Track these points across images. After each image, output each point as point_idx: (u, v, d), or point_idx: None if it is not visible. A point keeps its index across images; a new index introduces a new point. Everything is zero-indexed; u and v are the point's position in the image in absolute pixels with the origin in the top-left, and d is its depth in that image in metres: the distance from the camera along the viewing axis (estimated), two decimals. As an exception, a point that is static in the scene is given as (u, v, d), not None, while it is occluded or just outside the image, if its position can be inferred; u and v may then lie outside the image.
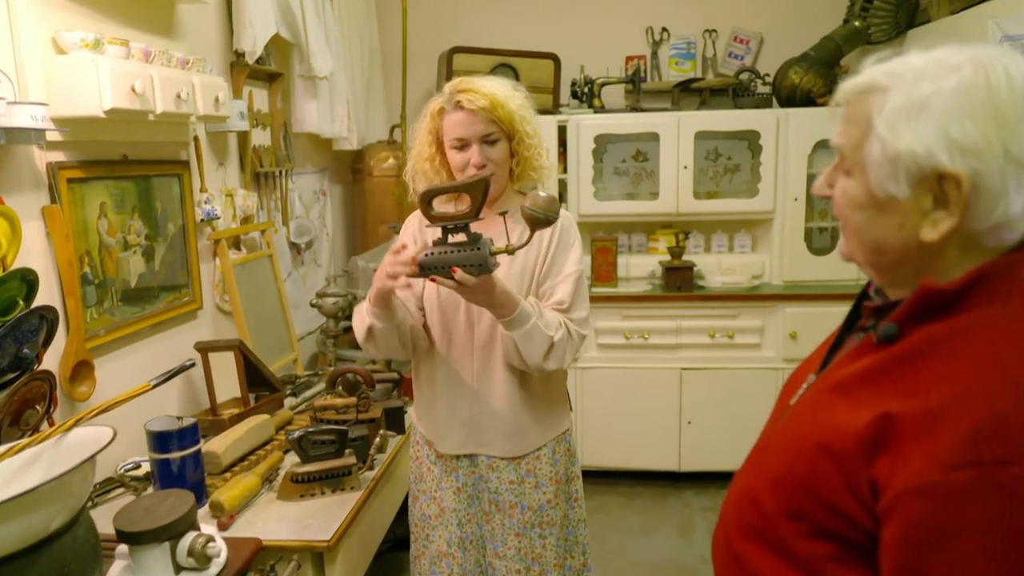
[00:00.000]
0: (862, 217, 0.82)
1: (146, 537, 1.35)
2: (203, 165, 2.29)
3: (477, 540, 1.68)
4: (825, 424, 0.81)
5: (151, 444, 1.68)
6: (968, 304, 0.76)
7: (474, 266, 1.39)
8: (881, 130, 0.77)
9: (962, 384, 0.72)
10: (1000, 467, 0.67)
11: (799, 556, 0.82)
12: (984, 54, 0.75)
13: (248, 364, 2.20)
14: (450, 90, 1.56)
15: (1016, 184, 0.73)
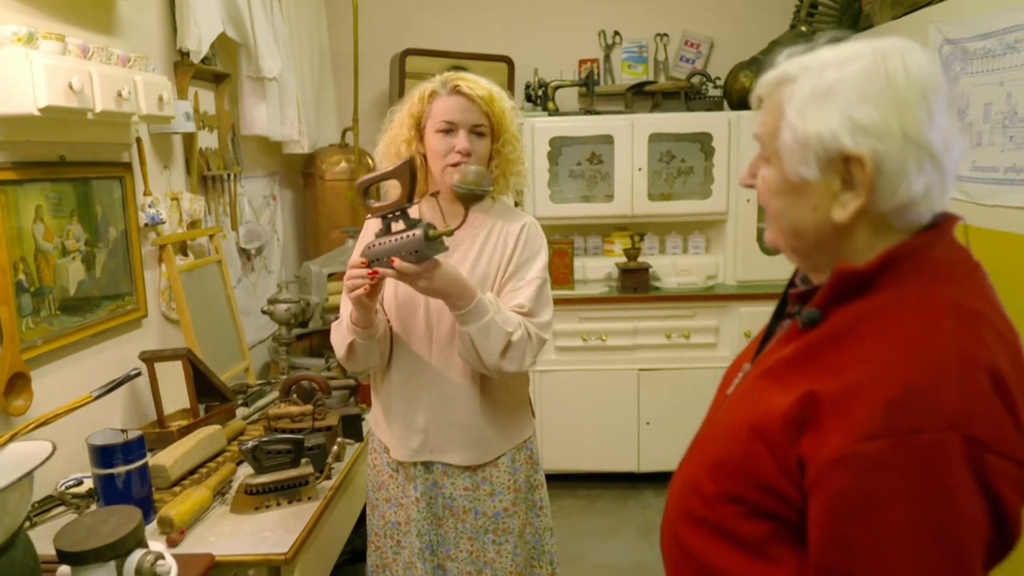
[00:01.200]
0: (781, 202, 0.87)
1: (90, 557, 1.27)
2: (147, 168, 2.20)
3: (431, 547, 1.64)
4: (757, 409, 0.84)
5: (94, 459, 1.60)
6: (881, 285, 0.81)
7: (412, 252, 1.36)
8: (791, 116, 0.81)
9: (876, 361, 0.76)
10: (913, 434, 0.71)
11: (739, 537, 0.84)
12: (884, 45, 0.80)
13: (197, 373, 2.11)
14: (444, 78, 1.55)
15: (916, 165, 0.77)
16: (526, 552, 1.68)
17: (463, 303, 1.43)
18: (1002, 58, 2.28)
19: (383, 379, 1.65)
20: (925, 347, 0.75)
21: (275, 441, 1.73)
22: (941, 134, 0.78)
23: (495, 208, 1.65)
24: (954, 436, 0.71)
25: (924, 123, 0.77)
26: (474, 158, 1.51)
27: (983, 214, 2.36)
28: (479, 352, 1.46)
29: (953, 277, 0.81)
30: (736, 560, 0.85)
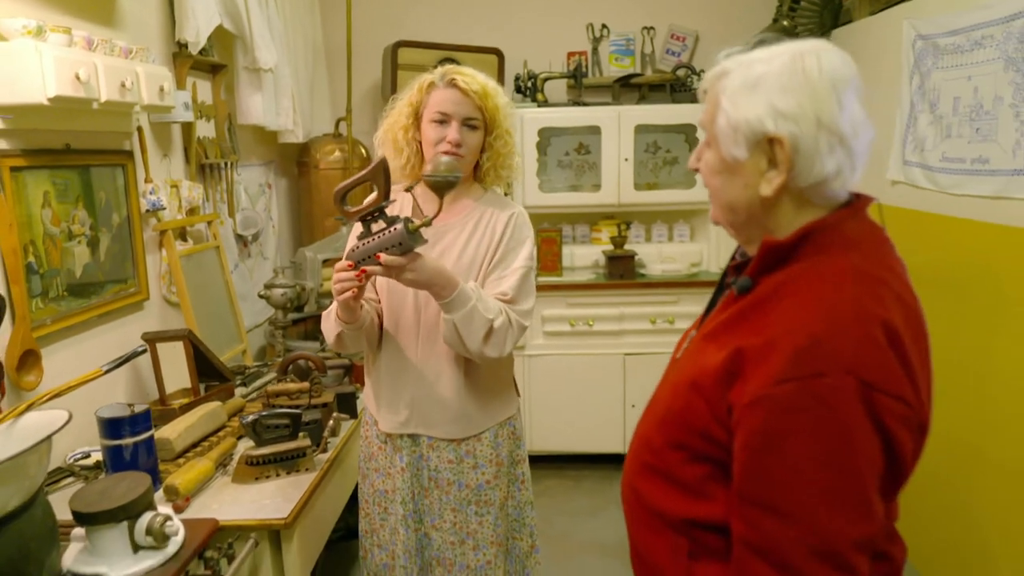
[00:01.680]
0: (718, 181, 1.00)
1: (103, 517, 1.37)
2: (147, 156, 2.28)
3: (416, 515, 1.72)
4: (696, 366, 0.97)
5: (102, 431, 1.69)
6: (800, 255, 0.93)
7: (395, 246, 1.43)
8: (725, 104, 0.94)
9: (790, 318, 0.88)
10: (815, 379, 0.83)
11: (683, 480, 0.97)
12: (804, 46, 0.93)
13: (198, 354, 2.20)
14: (444, 71, 1.62)
15: (827, 147, 0.90)
16: (507, 524, 1.77)
17: (446, 292, 1.50)
18: (970, 54, 2.38)
19: (374, 358, 1.74)
20: (830, 305, 0.87)
21: (274, 416, 1.83)
22: (850, 122, 0.90)
23: (485, 197, 1.72)
24: (850, 379, 0.83)
25: (834, 111, 0.89)
26: (464, 149, 1.59)
27: (952, 203, 2.47)
28: (462, 338, 1.54)
29: (860, 248, 0.93)
30: (680, 501, 0.98)
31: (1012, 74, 2.17)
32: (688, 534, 0.98)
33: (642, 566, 1.08)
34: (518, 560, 1.79)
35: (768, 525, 0.87)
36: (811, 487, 0.84)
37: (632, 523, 1.09)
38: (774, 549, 0.86)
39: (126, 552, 1.39)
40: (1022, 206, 2.12)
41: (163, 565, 1.39)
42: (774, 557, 0.86)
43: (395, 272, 1.45)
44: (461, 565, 1.69)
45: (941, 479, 2.51)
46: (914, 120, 2.71)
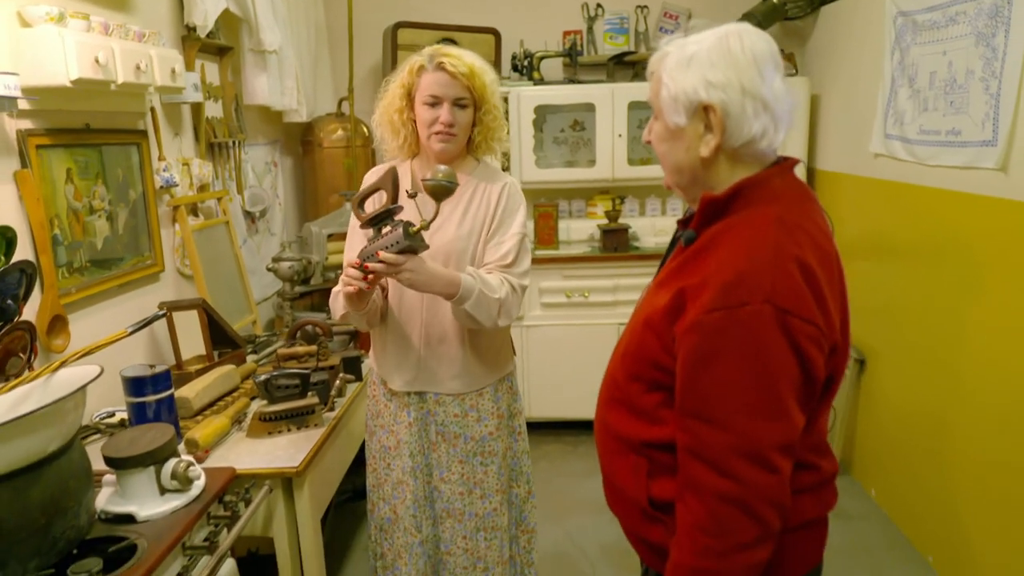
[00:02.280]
0: (665, 147, 1.14)
1: (133, 462, 1.51)
2: (160, 135, 2.40)
3: (425, 468, 1.86)
4: (648, 308, 1.13)
5: (127, 389, 1.83)
6: (733, 209, 1.08)
7: (393, 245, 1.55)
8: (666, 79, 1.09)
9: (721, 259, 1.04)
10: (740, 307, 0.99)
11: (641, 408, 1.14)
12: (729, 28, 1.08)
13: (211, 322, 2.34)
14: (431, 52, 1.71)
15: (752, 111, 1.04)
16: (508, 472, 1.92)
17: (452, 291, 1.63)
18: (945, 29, 2.48)
19: (381, 326, 1.87)
20: (753, 247, 1.02)
21: (285, 375, 1.97)
22: (771, 90, 1.04)
23: (478, 169, 1.84)
24: (768, 307, 0.98)
25: (757, 81, 1.04)
26: (456, 128, 1.70)
27: (928, 174, 2.58)
28: (477, 320, 1.68)
29: (783, 201, 1.07)
30: (638, 426, 1.14)
31: (982, 49, 2.27)
32: (646, 454, 1.13)
33: (611, 489, 1.23)
34: (515, 506, 1.93)
35: (702, 432, 1.02)
36: (736, 398, 1.00)
37: (603, 453, 1.24)
38: (708, 452, 1.02)
39: (154, 494, 1.53)
40: (990, 175, 2.24)
41: (187, 506, 1.54)
42: (709, 459, 1.02)
43: (394, 269, 1.56)
44: (470, 514, 1.83)
45: (915, 433, 2.65)
46: (895, 94, 2.81)
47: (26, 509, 1.27)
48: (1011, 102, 2.14)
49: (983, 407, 2.27)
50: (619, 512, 1.24)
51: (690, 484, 1.05)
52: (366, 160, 3.74)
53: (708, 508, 1.02)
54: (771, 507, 1.01)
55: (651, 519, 1.14)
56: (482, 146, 1.81)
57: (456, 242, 1.73)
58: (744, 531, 1.01)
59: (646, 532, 1.16)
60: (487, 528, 1.83)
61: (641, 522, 1.17)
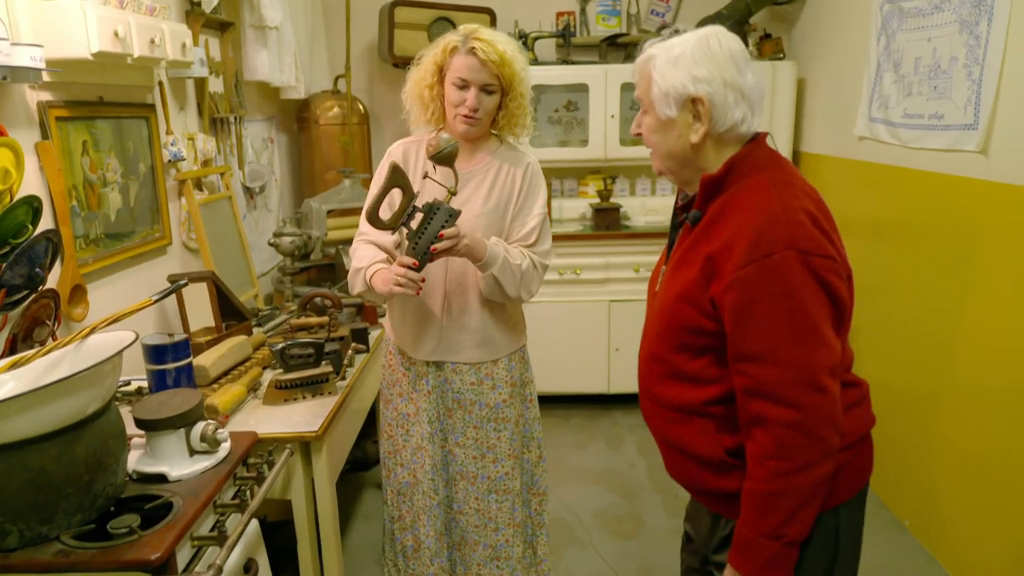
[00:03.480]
0: (657, 137, 1.28)
1: (164, 424, 1.57)
2: (168, 109, 2.43)
3: (441, 433, 1.94)
4: (677, 284, 1.25)
5: (148, 356, 1.88)
6: (729, 182, 1.23)
7: (448, 220, 1.64)
8: (656, 77, 1.23)
9: (737, 223, 1.17)
10: (766, 258, 1.13)
11: (691, 374, 1.26)
12: (707, 31, 1.24)
13: (220, 294, 2.38)
14: (466, 34, 1.74)
15: (733, 100, 1.20)
16: (520, 438, 2.00)
17: (479, 254, 1.72)
18: (930, 16, 2.58)
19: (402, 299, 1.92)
20: (762, 207, 1.17)
21: (300, 344, 2.03)
22: (746, 81, 1.21)
23: (500, 149, 1.89)
24: (791, 252, 1.12)
25: (735, 74, 1.20)
26: (480, 112, 1.75)
27: (911, 156, 2.69)
28: (503, 286, 1.76)
29: (768, 166, 1.23)
30: (694, 391, 1.26)
31: (966, 36, 2.38)
32: (709, 413, 1.26)
33: (677, 457, 1.34)
34: (527, 470, 2.02)
35: (756, 371, 1.15)
36: (779, 335, 1.13)
37: (661, 427, 1.35)
38: (765, 387, 1.15)
39: (183, 455, 1.60)
40: (971, 157, 2.35)
41: (216, 467, 1.60)
42: (766, 393, 1.15)
43: (455, 241, 1.64)
44: (482, 477, 1.91)
45: (897, 408, 2.78)
46: (880, 79, 2.92)
47: (72, 464, 1.33)
48: (992, 88, 2.25)
49: (965, 384, 2.41)
50: (688, 474, 1.34)
51: (754, 420, 1.17)
52: (362, 138, 3.77)
53: (774, 436, 1.15)
54: (828, 425, 1.15)
55: (731, 469, 1.26)
56: (505, 129, 1.86)
57: (482, 218, 1.79)
58: (807, 451, 1.14)
59: (725, 484, 1.27)
60: (499, 491, 1.91)
61: (719, 476, 1.28)
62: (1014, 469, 2.16)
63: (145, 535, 1.35)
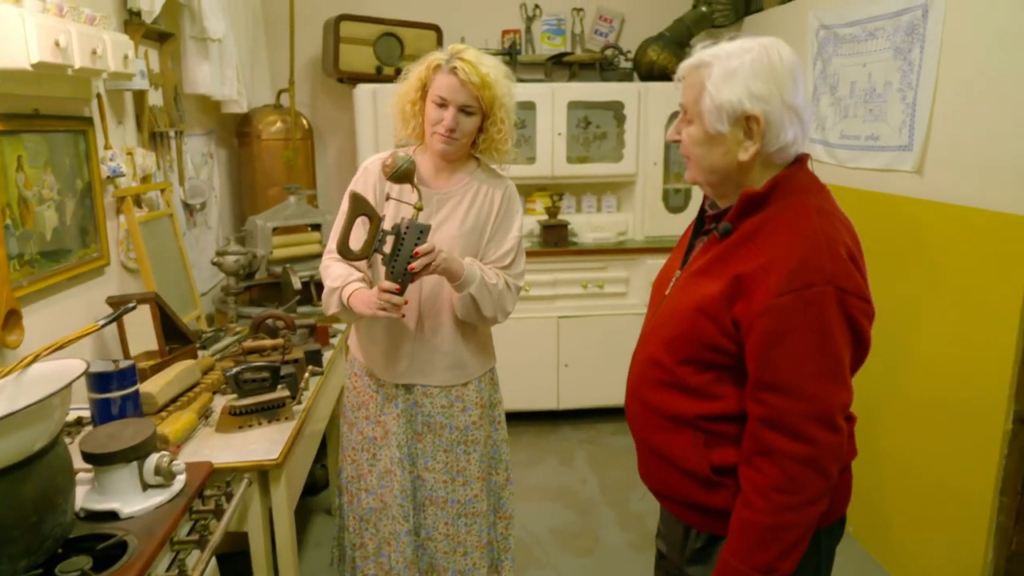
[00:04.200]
0: (701, 150, 1.23)
1: (116, 458, 1.48)
2: (106, 123, 2.31)
3: (410, 458, 1.89)
4: (696, 295, 1.21)
5: (91, 385, 1.77)
6: (770, 201, 1.19)
7: (417, 236, 1.61)
8: (710, 89, 1.17)
9: (777, 247, 1.14)
10: (805, 289, 1.10)
11: (694, 387, 1.23)
12: (766, 41, 1.19)
13: (163, 316, 2.27)
14: (452, 53, 1.72)
15: (788, 121, 1.16)
16: (488, 459, 1.97)
17: (457, 273, 1.69)
18: (865, 43, 2.71)
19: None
20: (806, 235, 1.13)
21: (254, 368, 1.95)
22: (801, 100, 1.15)
23: (479, 171, 1.86)
24: (830, 288, 1.10)
25: (793, 93, 1.15)
26: (458, 133, 1.72)
27: (849, 176, 2.81)
28: (479, 306, 1.73)
29: (812, 192, 1.20)
30: (692, 403, 1.24)
31: (900, 62, 2.51)
32: (702, 428, 1.24)
33: (660, 465, 1.32)
34: (494, 492, 1.99)
35: (778, 402, 1.13)
36: (807, 368, 1.11)
37: (649, 433, 1.33)
38: (784, 419, 1.13)
39: (136, 490, 1.51)
40: (907, 177, 2.47)
41: (171, 501, 1.52)
42: (784, 425, 1.13)
43: (431, 257, 1.61)
44: (452, 501, 1.87)
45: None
46: (817, 101, 3.04)
47: (20, 505, 1.23)
48: (926, 111, 2.37)
49: (904, 396, 2.51)
50: (667, 483, 1.33)
51: (763, 450, 1.15)
52: (306, 153, 3.69)
53: (783, 469, 1.13)
54: (836, 462, 1.15)
55: (714, 485, 1.24)
56: (485, 154, 1.83)
57: (459, 239, 1.77)
58: (815, 486, 1.14)
59: (707, 498, 1.26)
60: (468, 514, 1.88)
61: (700, 490, 1.26)
62: (946, 476, 2.26)
63: (100, 578, 1.26)
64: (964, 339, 2.21)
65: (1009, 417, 2.04)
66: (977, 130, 2.16)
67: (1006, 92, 2.04)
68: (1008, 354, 2.03)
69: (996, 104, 2.08)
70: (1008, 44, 2.03)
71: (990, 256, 2.11)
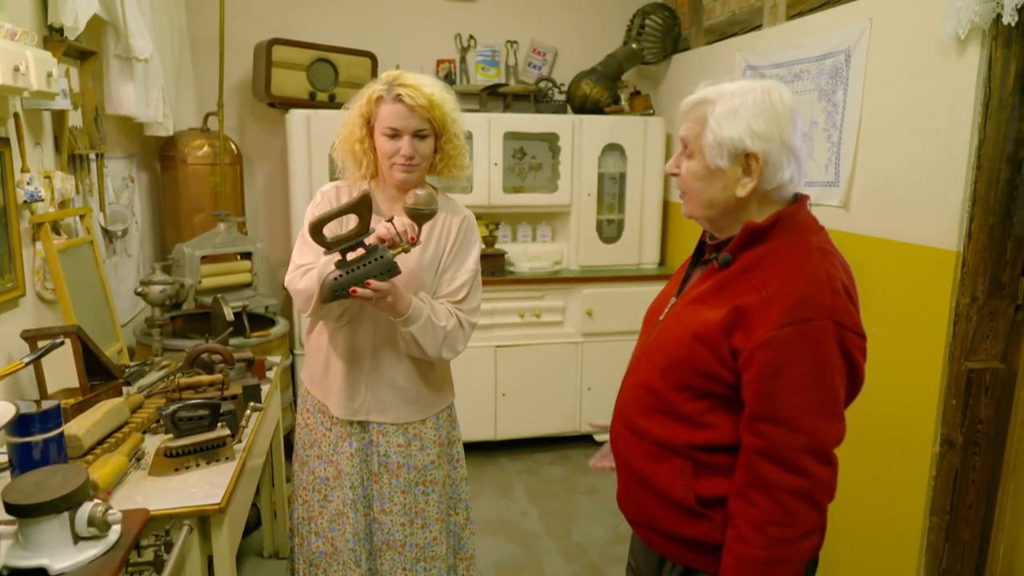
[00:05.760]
0: (700, 184, 1.26)
1: (45, 509, 1.35)
2: (24, 144, 2.16)
3: (365, 500, 1.82)
4: (694, 323, 1.22)
5: (10, 428, 1.62)
6: (771, 236, 1.22)
7: (383, 272, 1.55)
8: (712, 125, 1.21)
9: (778, 281, 1.16)
10: (806, 323, 1.13)
11: (686, 415, 1.23)
12: (767, 84, 1.23)
13: (86, 351, 2.12)
14: (389, 81, 1.66)
15: (786, 160, 1.20)
16: (447, 499, 1.91)
17: (402, 309, 1.63)
18: (791, 84, 2.85)
19: (323, 343, 1.79)
20: (806, 271, 1.16)
21: (191, 407, 1.83)
22: (799, 141, 1.20)
23: (439, 200, 1.79)
24: (829, 323, 1.13)
25: (792, 133, 1.18)
26: (417, 158, 1.68)
27: (777, 209, 2.93)
28: (421, 346, 1.68)
29: (812, 230, 1.24)
30: (683, 431, 1.24)
31: (824, 103, 2.65)
32: (691, 457, 1.24)
33: (644, 493, 1.31)
34: (454, 533, 1.93)
35: (775, 434, 1.14)
36: (806, 402, 1.13)
37: (633, 459, 1.32)
38: (780, 452, 1.14)
39: (67, 543, 1.38)
40: (834, 211, 2.60)
41: (106, 553, 1.40)
42: (780, 458, 1.14)
43: (379, 296, 1.55)
44: (411, 545, 1.80)
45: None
46: (746, 138, 3.17)
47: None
48: (851, 150, 2.51)
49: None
50: (651, 513, 1.31)
51: (757, 483, 1.15)
52: (234, 179, 3.56)
53: (778, 503, 1.13)
54: (828, 495, 1.16)
55: (697, 516, 1.23)
56: (444, 172, 1.80)
57: (418, 272, 1.72)
58: (809, 519, 1.14)
59: (687, 530, 1.25)
60: (427, 558, 1.81)
61: (683, 520, 1.25)
62: (879, 501, 2.36)
63: (32, 646, 1.14)
64: (893, 367, 2.32)
65: (937, 440, 2.15)
66: (899, 168, 2.30)
67: (926, 133, 2.18)
68: (935, 380, 2.15)
69: (917, 144, 2.22)
70: (926, 87, 2.18)
71: (914, 287, 2.23)
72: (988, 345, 2.09)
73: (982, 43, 1.96)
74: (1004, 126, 1.97)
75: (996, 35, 1.93)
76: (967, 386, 2.10)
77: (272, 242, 3.92)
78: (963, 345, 2.08)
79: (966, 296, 2.06)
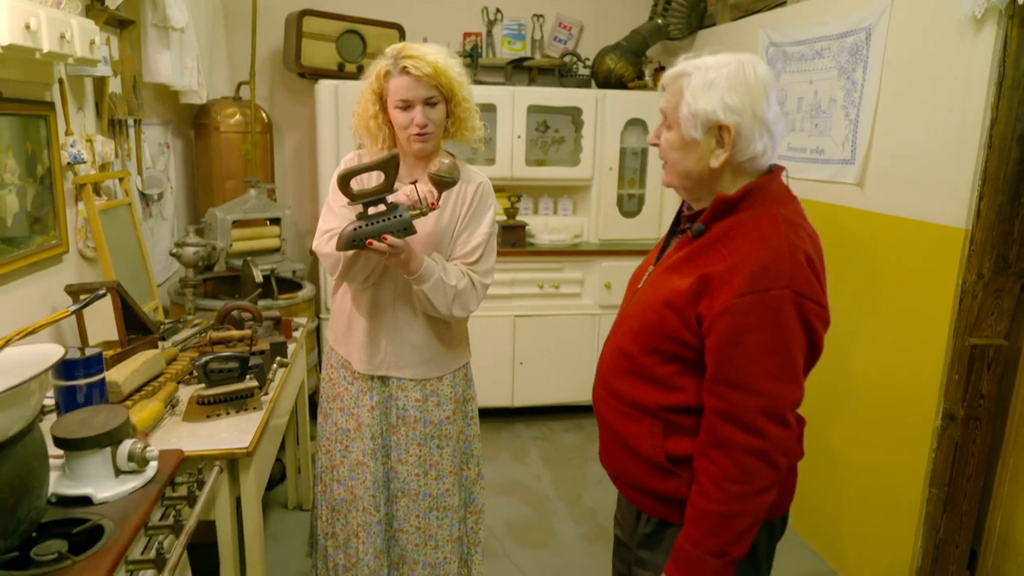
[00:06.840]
0: (677, 155, 1.31)
1: (89, 443, 1.47)
2: (68, 108, 2.28)
3: (384, 450, 1.93)
4: (666, 289, 1.30)
5: (56, 371, 1.75)
6: (742, 207, 1.27)
7: (400, 230, 1.64)
8: (688, 97, 1.25)
9: (743, 251, 1.22)
10: (765, 292, 1.18)
11: (657, 377, 1.31)
12: (743, 57, 1.26)
13: (124, 306, 2.25)
14: (395, 54, 1.73)
15: (758, 133, 1.23)
16: (460, 454, 2.02)
17: (415, 267, 1.71)
18: (812, 61, 2.87)
19: (348, 302, 1.89)
20: (770, 241, 1.21)
21: (222, 359, 1.95)
22: (773, 115, 1.24)
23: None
24: (788, 292, 1.18)
25: (765, 107, 1.22)
26: (430, 126, 1.75)
27: (796, 186, 2.94)
28: (433, 304, 1.77)
29: (782, 202, 1.28)
30: (654, 393, 1.32)
31: (844, 81, 2.67)
32: (661, 417, 1.32)
33: (619, 450, 1.40)
34: (465, 487, 2.03)
35: (734, 397, 1.21)
36: (763, 367, 1.19)
37: (611, 418, 1.40)
38: (738, 413, 1.20)
39: (109, 475, 1.51)
40: (849, 189, 2.63)
41: (144, 487, 1.52)
42: (737, 419, 1.20)
43: (396, 250, 1.63)
44: (424, 494, 1.91)
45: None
46: (766, 115, 3.20)
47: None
48: (867, 128, 2.54)
49: (842, 396, 2.67)
50: (627, 469, 1.40)
51: (717, 442, 1.23)
52: (264, 146, 3.67)
53: (735, 461, 1.21)
54: (784, 456, 1.23)
55: (667, 473, 1.32)
56: (457, 135, 1.86)
57: (435, 235, 1.80)
58: (765, 477, 1.22)
59: (659, 485, 1.34)
60: (439, 508, 1.92)
61: (654, 477, 1.34)
62: (882, 471, 2.42)
63: (79, 560, 1.27)
64: (899, 342, 2.37)
65: (939, 414, 2.21)
66: (913, 147, 2.33)
67: (940, 112, 2.21)
68: (939, 356, 2.20)
69: (931, 123, 2.25)
70: (942, 66, 2.20)
71: (923, 264, 2.27)
72: (993, 322, 2.13)
73: (998, 23, 1.98)
74: (1016, 106, 2.00)
75: (1012, 15, 1.95)
76: (970, 361, 2.14)
77: (300, 209, 4.04)
78: (968, 321, 2.13)
79: (972, 273, 2.10)
